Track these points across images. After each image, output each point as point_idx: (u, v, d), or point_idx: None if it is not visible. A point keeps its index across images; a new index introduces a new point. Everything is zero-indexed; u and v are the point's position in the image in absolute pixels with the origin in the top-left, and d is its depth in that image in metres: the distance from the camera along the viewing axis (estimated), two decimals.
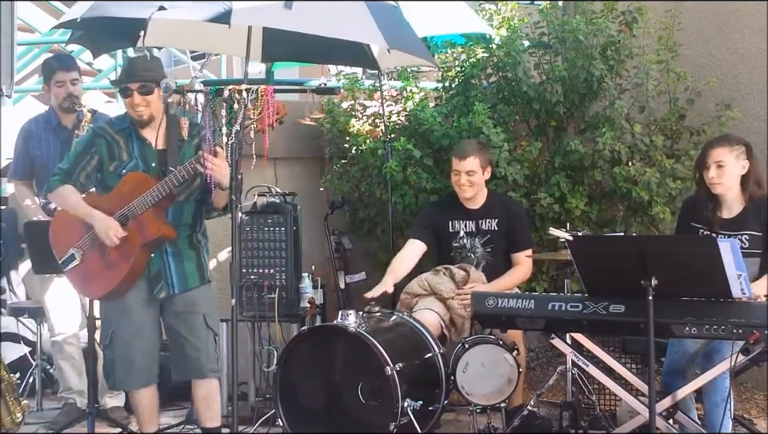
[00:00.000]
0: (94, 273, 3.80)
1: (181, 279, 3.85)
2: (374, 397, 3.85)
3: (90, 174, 3.85)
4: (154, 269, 3.82)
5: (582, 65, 5.06)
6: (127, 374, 3.83)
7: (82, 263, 3.80)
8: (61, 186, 3.83)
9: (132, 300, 3.80)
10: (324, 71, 7.32)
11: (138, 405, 3.95)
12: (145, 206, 3.70)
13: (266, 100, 3.45)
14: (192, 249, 3.91)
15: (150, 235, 3.72)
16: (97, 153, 3.83)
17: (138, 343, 3.81)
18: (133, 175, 3.77)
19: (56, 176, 3.86)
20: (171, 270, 3.84)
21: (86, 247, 3.80)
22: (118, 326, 3.81)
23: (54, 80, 4.71)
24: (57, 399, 4.93)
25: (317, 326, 4.63)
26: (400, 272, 4.56)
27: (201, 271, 3.92)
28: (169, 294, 3.84)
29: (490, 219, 4.65)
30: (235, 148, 3.44)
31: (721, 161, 3.87)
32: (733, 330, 3.41)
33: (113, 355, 3.83)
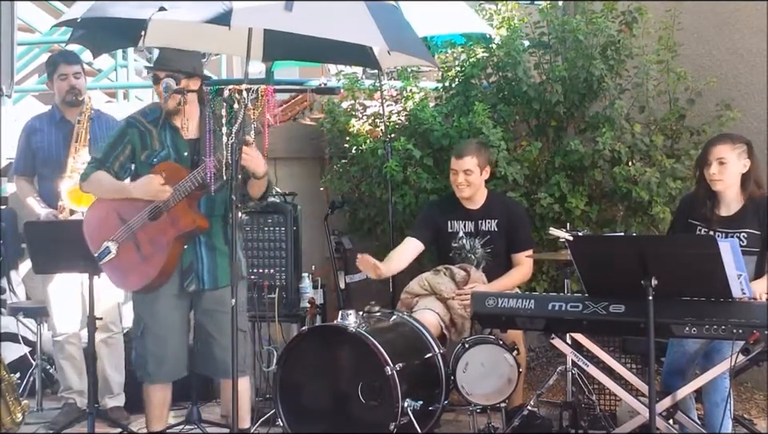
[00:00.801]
0: (130, 266, 3.78)
1: (212, 274, 3.82)
2: (373, 397, 3.85)
3: (123, 163, 3.83)
4: (186, 261, 3.79)
5: (582, 65, 5.06)
6: (158, 367, 3.82)
7: (118, 256, 3.78)
8: (94, 173, 3.82)
9: (163, 293, 3.79)
10: (324, 71, 7.32)
11: (151, 402, 3.92)
12: (178, 197, 3.67)
13: (266, 100, 3.44)
14: (227, 244, 3.83)
15: (184, 226, 3.70)
16: (129, 142, 3.82)
17: (169, 337, 3.80)
18: (165, 166, 3.75)
19: (89, 165, 3.86)
20: (203, 264, 3.81)
21: (121, 239, 3.77)
22: (150, 319, 3.80)
23: (57, 73, 4.74)
24: (57, 399, 4.93)
25: (317, 326, 4.64)
26: (393, 265, 4.56)
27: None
28: (198, 288, 3.81)
29: (490, 220, 4.65)
30: (235, 148, 3.44)
31: (723, 158, 3.88)
32: (733, 330, 3.41)
33: (143, 348, 3.82)
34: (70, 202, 4.56)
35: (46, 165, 4.74)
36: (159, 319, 3.80)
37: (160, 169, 3.75)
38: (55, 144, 4.73)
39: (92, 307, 4.07)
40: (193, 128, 3.83)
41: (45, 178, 4.75)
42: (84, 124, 4.67)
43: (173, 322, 3.82)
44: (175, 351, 3.84)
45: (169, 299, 3.81)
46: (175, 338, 3.83)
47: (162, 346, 3.80)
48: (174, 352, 3.83)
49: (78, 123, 4.68)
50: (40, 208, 4.66)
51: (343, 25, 3.67)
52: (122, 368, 4.84)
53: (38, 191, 4.77)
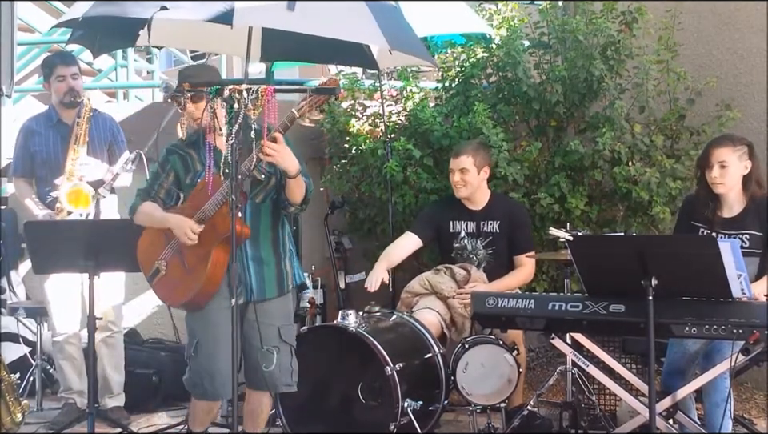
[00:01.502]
0: (177, 280, 3.72)
1: (260, 286, 3.73)
2: (373, 397, 3.85)
3: (168, 189, 3.80)
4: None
5: (582, 65, 5.06)
6: (214, 385, 3.70)
7: (167, 273, 3.74)
8: (141, 204, 3.80)
9: (213, 308, 3.69)
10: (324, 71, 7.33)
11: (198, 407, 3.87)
12: (216, 205, 3.60)
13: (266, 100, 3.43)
14: (275, 255, 3.78)
15: (223, 231, 3.57)
16: (172, 169, 3.79)
17: (222, 353, 3.65)
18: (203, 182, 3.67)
19: (137, 197, 3.84)
20: (251, 275, 3.72)
21: (168, 256, 3.74)
22: (202, 336, 3.71)
23: (54, 75, 4.72)
24: (57, 399, 4.93)
25: (317, 326, 4.64)
26: (393, 259, 4.57)
27: (280, 280, 3.79)
28: (247, 300, 3.72)
29: (492, 221, 4.65)
30: (235, 148, 3.43)
31: (724, 161, 3.87)
32: (733, 330, 3.41)
33: (198, 365, 3.72)
34: (68, 204, 4.56)
35: (43, 167, 4.73)
36: (213, 335, 3.69)
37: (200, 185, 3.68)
38: (53, 146, 4.72)
39: (92, 307, 4.07)
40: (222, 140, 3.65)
41: (43, 179, 4.74)
42: (83, 126, 4.66)
43: (226, 337, 3.60)
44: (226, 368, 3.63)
45: (221, 314, 3.66)
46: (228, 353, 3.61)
47: (216, 363, 3.68)
48: (227, 368, 3.61)
49: (76, 125, 4.67)
50: (38, 210, 4.65)
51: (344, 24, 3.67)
52: (122, 368, 4.84)
53: (36, 192, 4.76)
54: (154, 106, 6.19)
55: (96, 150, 4.72)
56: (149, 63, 9.28)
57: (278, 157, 3.48)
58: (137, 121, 5.72)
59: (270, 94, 3.43)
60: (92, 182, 4.61)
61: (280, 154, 3.48)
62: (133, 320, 5.49)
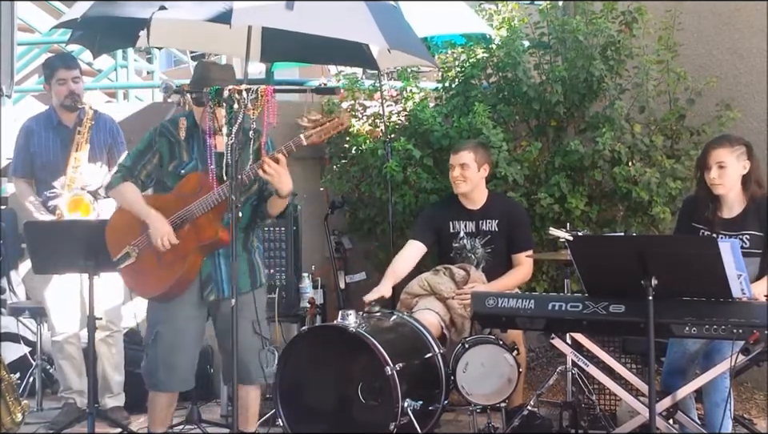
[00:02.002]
0: (148, 272, 3.74)
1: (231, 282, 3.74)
2: (373, 397, 3.85)
3: (150, 172, 3.79)
4: (204, 271, 3.75)
5: (582, 65, 5.06)
6: (168, 376, 3.76)
7: (137, 262, 3.75)
8: (122, 184, 3.76)
9: (180, 302, 3.74)
10: (324, 71, 7.33)
11: (156, 405, 3.88)
12: (203, 209, 3.64)
13: (266, 100, 3.44)
14: (244, 251, 3.83)
15: (207, 238, 3.65)
16: (158, 151, 3.77)
17: (182, 346, 3.74)
18: (193, 177, 3.71)
19: (118, 173, 3.80)
20: (222, 273, 3.77)
21: (142, 245, 3.74)
22: (164, 327, 3.74)
23: (55, 78, 4.71)
24: (57, 399, 4.93)
25: (317, 326, 4.64)
26: (400, 273, 4.57)
27: (252, 275, 3.85)
28: (218, 297, 3.77)
29: (490, 220, 4.65)
30: (235, 148, 3.43)
31: (722, 162, 3.87)
32: (733, 330, 3.41)
33: (155, 355, 3.76)
34: (69, 213, 4.56)
35: (43, 169, 4.72)
36: (175, 327, 3.74)
37: (188, 180, 3.71)
38: (53, 148, 4.71)
39: (92, 307, 4.07)
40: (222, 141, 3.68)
41: (42, 181, 4.74)
42: (84, 135, 4.66)
43: (188, 331, 3.76)
44: (187, 361, 3.79)
45: (186, 308, 3.75)
46: (189, 348, 3.78)
47: (175, 355, 3.74)
48: (186, 362, 3.77)
49: (78, 133, 4.65)
50: (38, 214, 4.64)
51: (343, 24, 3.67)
52: (122, 368, 4.84)
53: (35, 194, 4.75)
54: (154, 106, 6.19)
55: (96, 154, 4.72)
56: (149, 63, 9.28)
57: (276, 178, 3.54)
58: (137, 121, 5.71)
59: (270, 94, 3.43)
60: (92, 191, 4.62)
61: (278, 176, 3.54)
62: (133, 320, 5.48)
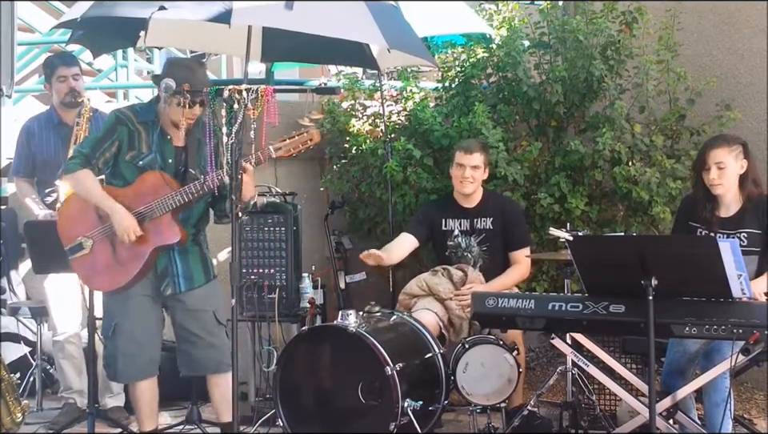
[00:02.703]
0: (103, 266, 3.76)
1: (187, 277, 3.85)
2: (373, 397, 3.85)
3: (107, 159, 3.78)
4: (160, 265, 3.81)
5: (582, 65, 5.06)
6: (128, 366, 3.82)
7: (91, 253, 3.75)
8: (80, 170, 3.74)
9: (136, 294, 3.79)
10: (324, 71, 7.32)
11: (139, 400, 3.93)
12: (165, 209, 3.67)
13: (266, 100, 3.44)
14: (196, 245, 3.91)
15: (167, 239, 3.70)
16: (117, 139, 3.76)
17: (141, 336, 3.80)
18: (155, 174, 3.73)
19: (75, 159, 3.78)
20: (177, 267, 3.83)
21: (97, 237, 3.75)
22: (121, 318, 3.79)
23: (55, 76, 4.71)
24: (57, 399, 4.93)
25: (317, 326, 4.64)
26: (391, 255, 4.57)
27: (205, 267, 3.93)
28: (175, 292, 3.83)
29: (485, 218, 4.65)
30: (235, 148, 3.44)
31: (721, 162, 3.87)
32: (733, 330, 3.41)
33: (114, 347, 3.81)
34: None
35: (44, 168, 4.73)
36: (132, 318, 3.79)
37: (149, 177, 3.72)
38: (54, 148, 4.72)
39: (92, 307, 4.07)
40: (181, 136, 3.78)
41: (43, 181, 4.75)
42: (83, 127, 4.66)
43: (145, 322, 3.82)
44: (148, 350, 3.85)
45: (142, 300, 3.80)
46: (146, 337, 3.83)
47: (134, 345, 3.80)
48: (146, 351, 3.84)
49: (76, 126, 4.67)
50: (38, 210, 4.65)
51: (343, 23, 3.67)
52: None
53: (36, 193, 4.76)
54: None
55: None
56: (149, 63, 9.28)
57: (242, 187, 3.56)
58: None
59: (270, 94, 3.43)
60: None
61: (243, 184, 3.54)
62: None
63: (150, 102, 3.93)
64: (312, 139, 3.75)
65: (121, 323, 3.80)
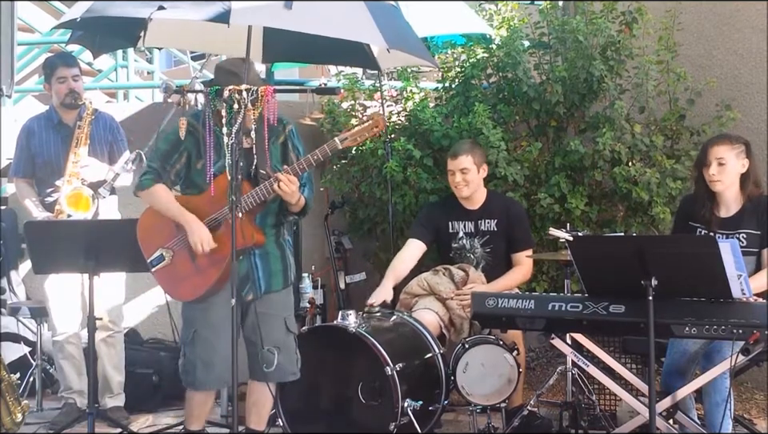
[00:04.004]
0: (183, 276, 3.72)
1: (266, 280, 3.79)
2: (373, 397, 3.85)
3: (179, 171, 3.75)
4: (242, 271, 3.71)
5: (581, 65, 5.06)
6: (207, 374, 3.74)
7: (171, 264, 3.73)
8: (154, 186, 3.72)
9: (218, 301, 3.70)
10: (324, 71, 7.33)
11: (193, 402, 3.87)
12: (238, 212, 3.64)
13: (266, 100, 3.44)
14: (278, 249, 3.83)
15: (244, 242, 3.63)
16: (186, 150, 3.73)
17: (219, 345, 3.69)
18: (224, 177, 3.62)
19: (147, 175, 3.75)
20: (259, 271, 3.76)
21: (177, 248, 3.72)
22: (201, 326, 3.73)
23: (55, 76, 4.71)
24: (57, 399, 4.93)
25: (317, 326, 4.64)
26: (400, 272, 4.57)
27: (285, 272, 3.85)
28: (256, 296, 3.76)
29: (489, 220, 4.65)
30: (235, 148, 3.43)
31: (722, 158, 3.88)
32: (733, 330, 3.41)
33: (193, 355, 3.74)
34: (68, 208, 4.55)
35: (44, 168, 4.72)
36: (212, 327, 3.71)
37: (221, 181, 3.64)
38: (54, 148, 4.71)
39: (92, 307, 4.06)
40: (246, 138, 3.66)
41: (43, 181, 4.74)
42: (84, 129, 4.66)
43: (226, 330, 3.64)
44: (226, 358, 3.67)
45: (223, 308, 3.66)
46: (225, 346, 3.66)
47: (213, 354, 3.71)
48: (222, 360, 3.69)
49: (78, 128, 4.66)
50: (38, 212, 4.64)
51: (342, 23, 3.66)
52: (122, 368, 4.84)
53: (36, 194, 4.75)
54: (154, 106, 6.19)
55: (97, 151, 4.72)
56: (149, 63, 9.28)
57: (289, 195, 3.61)
58: (137, 121, 5.71)
59: (270, 94, 3.43)
60: (92, 184, 4.61)
61: (292, 193, 3.60)
62: (133, 320, 5.49)
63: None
64: (378, 126, 3.69)
65: (200, 331, 3.72)
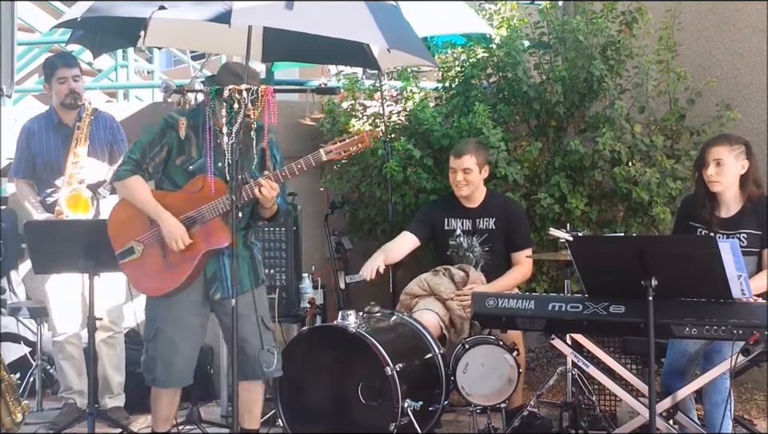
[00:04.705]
0: (154, 271, 3.73)
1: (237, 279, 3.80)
2: (373, 397, 3.85)
3: (158, 165, 3.75)
4: (209, 270, 3.75)
5: (582, 65, 5.06)
6: (167, 372, 3.76)
7: (142, 257, 3.73)
8: (131, 177, 3.71)
9: (183, 299, 3.73)
10: (324, 71, 7.32)
11: (158, 402, 3.88)
12: (215, 213, 3.64)
13: (266, 100, 3.44)
14: (246, 249, 3.85)
15: (217, 242, 3.65)
16: (167, 144, 3.73)
17: (182, 344, 3.74)
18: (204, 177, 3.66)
19: (125, 165, 3.75)
20: (227, 272, 3.75)
21: (148, 242, 3.72)
22: (164, 323, 3.74)
23: (55, 76, 4.71)
24: (57, 399, 4.93)
25: (317, 326, 4.64)
26: (391, 255, 4.58)
27: (255, 272, 3.87)
28: (224, 296, 3.76)
29: (488, 218, 4.65)
30: (235, 148, 3.43)
31: (720, 159, 3.88)
32: (733, 330, 3.41)
33: (154, 351, 3.76)
34: (67, 209, 4.55)
35: (44, 169, 4.72)
36: (176, 324, 3.74)
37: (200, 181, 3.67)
38: (54, 148, 4.71)
39: (92, 307, 4.07)
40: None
41: (43, 181, 4.74)
42: (84, 130, 4.66)
43: (188, 329, 3.77)
44: (187, 357, 3.79)
45: (189, 306, 3.74)
46: (188, 345, 3.78)
47: (175, 352, 3.74)
48: (184, 359, 3.77)
49: (77, 128, 4.66)
50: (37, 214, 4.64)
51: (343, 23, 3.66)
52: (122, 368, 4.84)
53: (36, 194, 4.75)
54: (154, 106, 6.19)
55: (97, 151, 4.72)
56: (149, 63, 9.28)
57: (268, 201, 3.62)
58: (137, 121, 5.70)
59: (270, 94, 3.43)
60: (92, 184, 4.62)
61: (271, 199, 3.62)
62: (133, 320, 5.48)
63: (199, 105, 3.85)
64: (363, 142, 3.72)
65: (163, 328, 3.74)
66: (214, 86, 3.50)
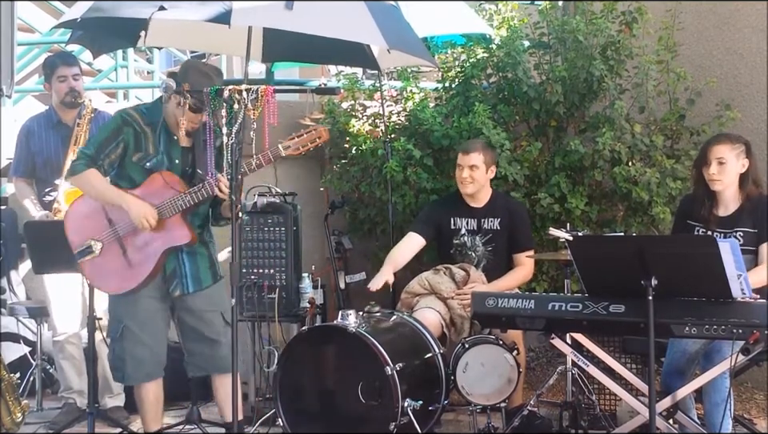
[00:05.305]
0: (113, 269, 3.77)
1: (195, 278, 3.87)
2: (373, 397, 3.85)
3: (113, 161, 3.77)
4: (169, 267, 3.81)
5: (581, 65, 5.06)
6: (136, 369, 3.83)
7: (101, 256, 3.76)
8: (87, 170, 3.73)
9: (144, 296, 3.79)
10: (324, 71, 7.33)
11: (144, 401, 3.93)
12: (174, 210, 3.68)
13: (266, 100, 3.44)
14: (203, 246, 3.91)
15: (178, 239, 3.71)
16: (123, 141, 3.75)
17: (148, 339, 3.81)
18: (163, 176, 3.73)
19: (80, 160, 3.77)
20: (186, 268, 3.84)
21: (107, 240, 3.75)
22: (129, 320, 3.79)
23: (55, 75, 4.71)
24: (57, 399, 4.93)
25: (317, 326, 4.63)
26: (398, 261, 4.59)
27: (213, 268, 3.94)
28: (183, 292, 3.84)
29: (493, 219, 4.65)
30: (235, 148, 3.44)
31: (722, 158, 3.89)
32: (733, 330, 3.41)
33: (122, 350, 3.82)
34: (66, 205, 4.55)
35: (44, 168, 4.73)
36: (141, 321, 3.80)
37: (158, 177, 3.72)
38: (54, 147, 4.72)
39: (92, 307, 4.07)
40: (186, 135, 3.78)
41: (43, 181, 4.75)
42: (83, 127, 4.67)
43: (152, 324, 3.83)
44: (155, 352, 3.86)
45: (150, 302, 3.82)
46: (154, 339, 3.85)
47: (142, 347, 3.82)
48: (151, 354, 3.85)
49: (77, 126, 4.67)
50: (36, 211, 4.65)
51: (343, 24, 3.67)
52: None
53: (36, 193, 4.76)
54: None
55: None
56: (149, 63, 9.28)
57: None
58: None
59: (270, 94, 3.43)
60: None
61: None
62: None
63: (155, 102, 3.92)
64: (321, 137, 3.76)
65: (129, 326, 3.80)
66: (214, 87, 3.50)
